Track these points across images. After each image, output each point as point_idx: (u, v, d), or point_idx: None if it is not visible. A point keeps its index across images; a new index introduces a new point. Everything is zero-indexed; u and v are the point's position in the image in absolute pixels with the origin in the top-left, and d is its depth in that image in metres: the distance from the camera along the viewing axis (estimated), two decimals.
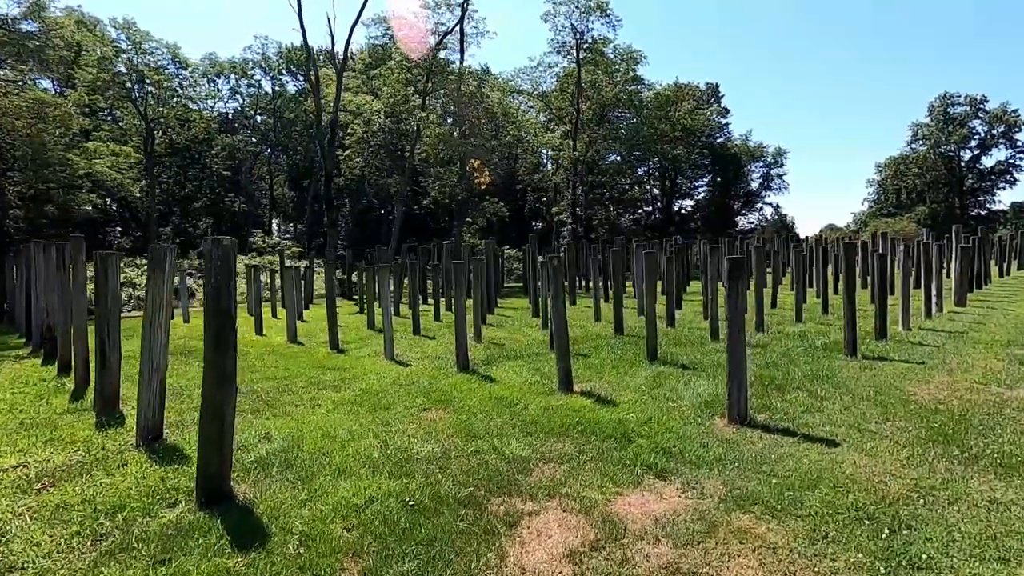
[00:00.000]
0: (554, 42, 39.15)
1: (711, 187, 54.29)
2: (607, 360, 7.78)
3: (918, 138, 57.24)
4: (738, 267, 4.86)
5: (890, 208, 59.48)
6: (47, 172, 18.03)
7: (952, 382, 6.06)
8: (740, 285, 4.87)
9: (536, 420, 5.12)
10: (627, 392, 6.07)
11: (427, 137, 29.59)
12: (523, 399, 5.88)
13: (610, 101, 40.19)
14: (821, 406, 5.31)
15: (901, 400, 5.42)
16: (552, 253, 21.56)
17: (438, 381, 6.89)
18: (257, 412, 5.79)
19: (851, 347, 7.48)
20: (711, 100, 49.24)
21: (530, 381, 6.74)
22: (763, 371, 6.67)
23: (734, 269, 4.86)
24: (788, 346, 8.31)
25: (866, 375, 6.43)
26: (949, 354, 7.50)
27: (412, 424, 5.16)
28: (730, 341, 4.93)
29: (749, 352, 7.77)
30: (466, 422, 5.15)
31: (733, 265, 4.86)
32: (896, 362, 7.07)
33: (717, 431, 4.73)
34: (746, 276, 4.65)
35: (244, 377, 7.53)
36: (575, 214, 40.56)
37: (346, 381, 7.18)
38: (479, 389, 6.37)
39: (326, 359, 8.92)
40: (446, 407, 5.73)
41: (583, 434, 4.69)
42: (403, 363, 8.32)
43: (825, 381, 6.19)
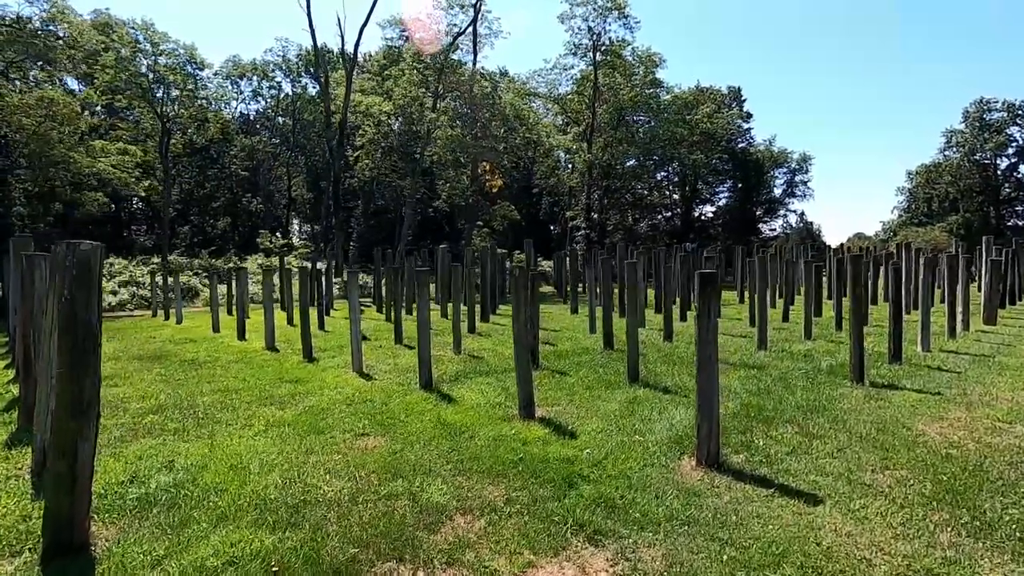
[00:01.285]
0: (570, 44, 38.48)
1: (732, 193, 52.96)
2: (585, 380, 7.10)
3: (952, 145, 55.09)
4: (709, 282, 4.16)
5: (921, 217, 57.40)
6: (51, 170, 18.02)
7: (970, 419, 5.24)
8: (711, 304, 4.17)
9: (477, 455, 4.48)
10: (593, 420, 5.39)
11: (439, 139, 29.21)
12: (474, 426, 5.24)
13: (627, 104, 39.34)
14: (811, 447, 4.57)
15: (907, 442, 4.65)
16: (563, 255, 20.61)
17: (392, 401, 6.30)
18: (180, 433, 5.26)
19: (858, 372, 6.68)
20: (732, 104, 47.99)
21: (492, 403, 6.10)
22: (752, 399, 5.93)
23: (705, 284, 4.16)
24: (789, 368, 7.52)
25: (870, 407, 5.64)
26: (971, 383, 6.65)
27: (337, 454, 4.57)
28: (699, 372, 4.24)
29: (742, 375, 7.03)
30: (398, 454, 4.54)
31: (704, 280, 4.17)
32: (908, 391, 6.25)
33: (680, 476, 4.04)
34: (719, 292, 3.92)
35: (191, 389, 7.05)
36: (589, 218, 39.76)
37: (297, 397, 6.64)
38: (430, 412, 5.76)
39: (291, 370, 8.40)
40: (386, 433, 5.13)
41: (523, 475, 4.04)
42: (368, 376, 7.75)
43: (821, 414, 5.42)
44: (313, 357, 9.31)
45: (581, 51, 38.93)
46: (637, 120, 42.28)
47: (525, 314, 5.52)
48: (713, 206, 55.22)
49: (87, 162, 19.26)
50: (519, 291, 5.52)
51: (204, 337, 12.46)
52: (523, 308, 5.52)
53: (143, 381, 7.71)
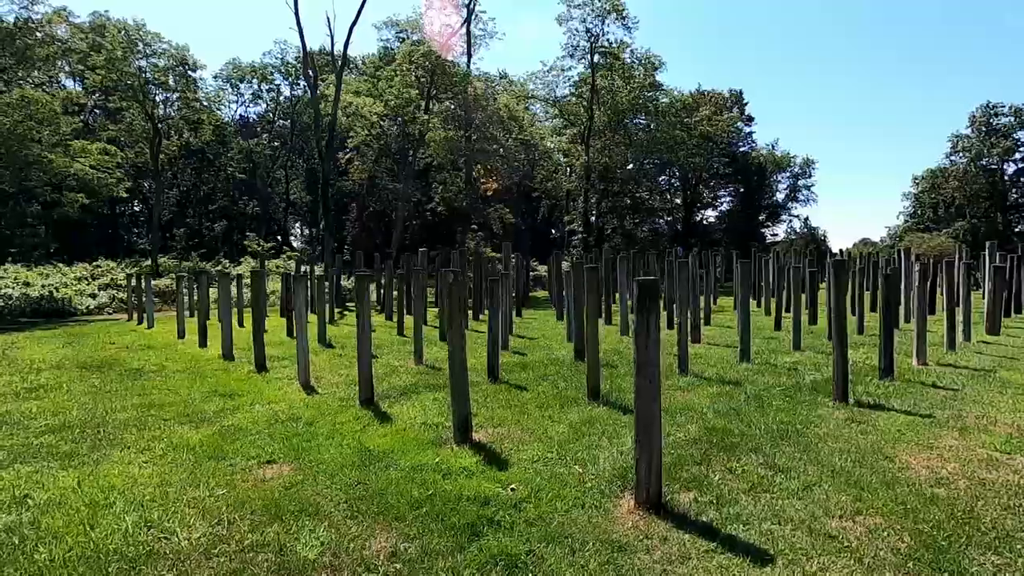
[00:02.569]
0: (568, 46, 37.94)
1: (734, 198, 52.24)
2: (542, 396, 6.47)
3: (958, 150, 54.20)
4: (648, 292, 3.54)
5: (927, 223, 56.51)
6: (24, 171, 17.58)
7: (964, 448, 4.58)
8: (651, 319, 3.54)
9: (383, 490, 3.86)
10: (534, 446, 4.77)
11: (432, 141, 28.70)
12: (397, 453, 4.63)
13: (626, 107, 38.73)
14: (773, 483, 3.92)
15: (886, 478, 4.00)
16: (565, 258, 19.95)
17: (321, 420, 5.69)
18: (67, 458, 4.66)
19: (841, 390, 6.02)
20: (733, 107, 47.31)
21: (430, 424, 5.48)
22: (718, 421, 5.28)
23: (644, 295, 3.54)
24: (768, 384, 6.87)
25: (851, 432, 4.99)
26: (968, 402, 5.98)
27: (224, 488, 3.96)
28: (637, 398, 3.61)
29: (714, 392, 6.39)
30: (294, 488, 3.93)
31: (643, 290, 3.54)
32: (896, 412, 5.59)
33: (611, 521, 3.41)
34: (659, 305, 3.31)
35: (113, 404, 6.47)
36: (587, 223, 39.13)
37: (223, 413, 6.04)
38: (355, 435, 5.14)
39: (234, 382, 7.80)
40: (295, 460, 4.53)
41: (425, 518, 3.42)
42: (312, 390, 7.15)
43: (793, 441, 4.77)
44: (265, 367, 8.71)
45: (579, 53, 38.39)
46: (636, 123, 41.66)
47: (460, 326, 4.91)
48: (715, 211, 54.55)
49: (62, 162, 18.79)
50: (453, 301, 4.91)
51: (165, 344, 11.90)
52: (457, 320, 4.90)
53: (68, 393, 7.14)
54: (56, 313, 19.84)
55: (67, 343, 12.07)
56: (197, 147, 44.47)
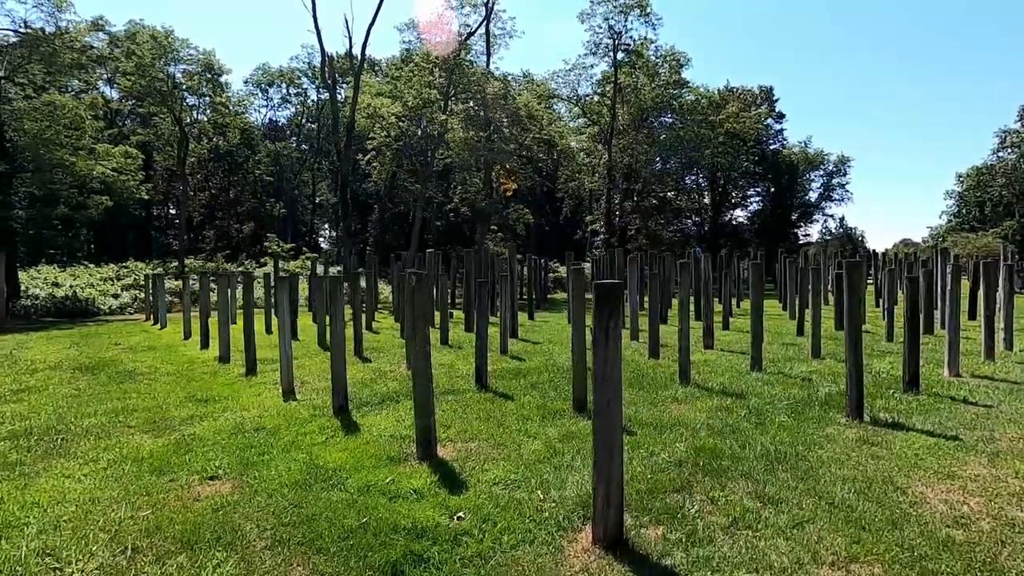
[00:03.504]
0: (590, 43, 37.31)
1: (765, 197, 50.63)
2: (525, 407, 6.04)
3: (1006, 145, 51.51)
4: (608, 300, 3.08)
5: (972, 222, 53.90)
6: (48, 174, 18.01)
7: (993, 479, 3.98)
8: (611, 329, 3.08)
9: (317, 515, 3.50)
10: (502, 465, 4.35)
11: (452, 142, 28.52)
12: (351, 469, 4.27)
13: (649, 105, 37.89)
14: (759, 518, 3.41)
15: (895, 515, 3.44)
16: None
17: (287, 429, 5.39)
18: (11, 467, 4.45)
19: (855, 406, 5.42)
20: (763, 104, 45.82)
21: (398, 436, 5.11)
22: (710, 440, 4.76)
23: (602, 302, 3.08)
24: (775, 396, 6.28)
25: (860, 456, 4.41)
26: (1002, 422, 5.31)
27: (152, 508, 3.66)
28: (596, 418, 3.15)
29: (713, 406, 5.86)
30: (224, 511, 3.60)
31: (601, 296, 3.09)
32: (916, 433, 4.97)
33: (562, 561, 2.97)
34: (621, 310, 2.84)
35: (86, 409, 6.31)
36: (609, 223, 38.38)
37: (191, 421, 5.80)
38: (314, 448, 4.81)
39: (218, 386, 7.60)
40: (241, 476, 4.21)
41: (346, 552, 3.04)
42: (292, 395, 6.87)
43: (791, 465, 4.23)
44: (255, 371, 8.50)
45: (602, 51, 37.73)
46: (662, 121, 40.72)
47: (424, 334, 4.52)
48: (744, 211, 53.00)
49: (84, 166, 19.19)
50: (416, 306, 4.53)
51: (168, 345, 11.88)
52: (421, 327, 4.51)
53: (50, 397, 7.03)
54: (80, 313, 20.28)
55: (75, 343, 12.16)
56: (225, 150, 45.39)
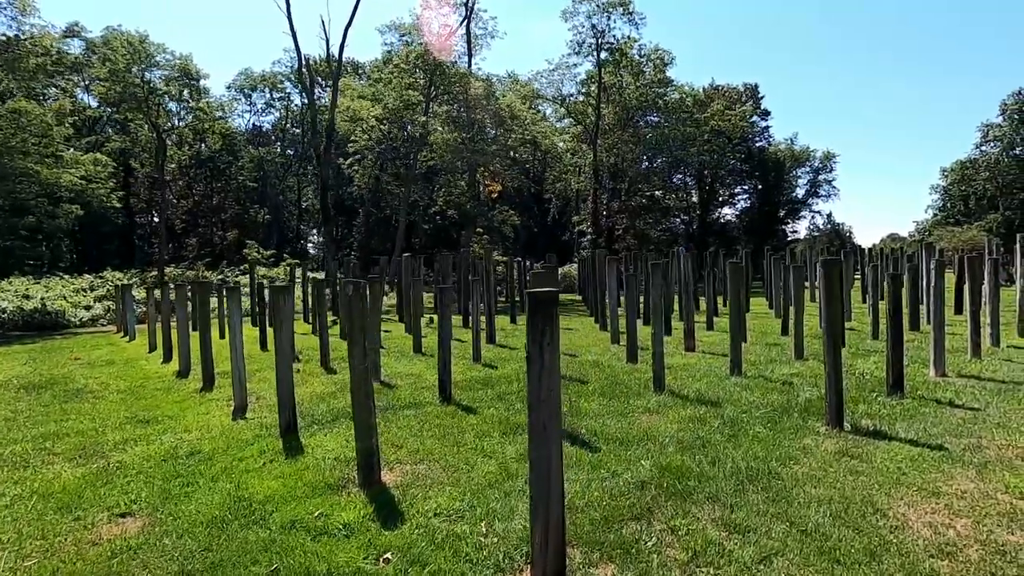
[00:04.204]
0: (573, 43, 37.04)
1: (752, 194, 50.60)
2: (488, 422, 5.65)
3: (989, 139, 51.86)
4: (543, 310, 2.70)
5: (957, 216, 54.22)
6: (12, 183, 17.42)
7: (981, 495, 3.63)
8: (547, 344, 2.70)
9: (225, 560, 3.09)
10: (449, 491, 3.95)
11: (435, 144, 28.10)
12: (280, 500, 3.86)
13: (634, 104, 37.67)
14: (722, 550, 3.04)
15: (872, 542, 3.08)
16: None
17: (223, 454, 4.97)
18: None
19: (835, 414, 5.07)
20: (748, 101, 45.76)
21: (343, 458, 4.70)
22: (677, 457, 4.39)
23: (537, 313, 2.70)
24: (752, 403, 5.93)
25: (838, 471, 4.06)
26: (990, 427, 4.98)
27: (40, 555, 3.23)
28: (532, 447, 2.77)
29: (685, 416, 5.49)
30: (122, 556, 3.19)
31: (535, 306, 2.71)
32: (899, 442, 4.63)
33: None
34: (557, 322, 2.44)
35: (16, 433, 5.85)
36: (596, 223, 38.09)
37: (125, 444, 5.36)
38: (247, 475, 4.40)
39: (168, 404, 7.15)
40: (156, 512, 3.79)
41: None
42: (241, 414, 6.44)
43: (763, 484, 3.87)
44: (212, 386, 8.05)
45: (585, 49, 37.46)
46: (647, 120, 40.50)
47: (363, 347, 4.12)
48: (733, 208, 52.93)
49: (50, 174, 18.60)
50: (355, 316, 4.12)
51: (129, 359, 11.39)
52: (359, 339, 4.11)
53: None
54: (50, 326, 19.63)
55: (32, 359, 11.64)
56: (207, 156, 44.70)
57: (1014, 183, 49.57)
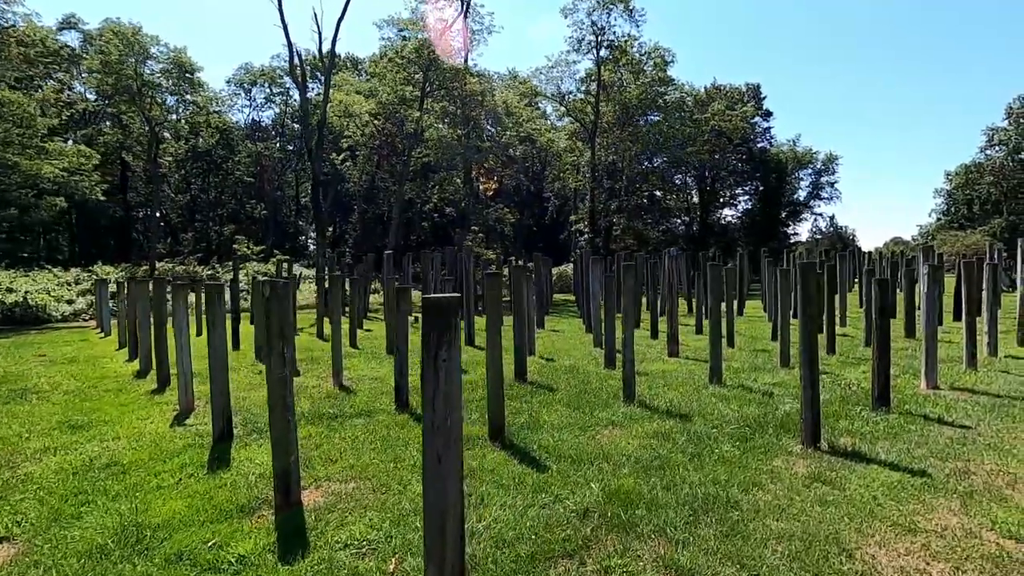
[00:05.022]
0: (572, 40, 36.51)
1: (753, 196, 50.06)
2: None
3: (994, 143, 51.22)
4: (439, 320, 2.28)
5: (961, 220, 53.66)
6: None
7: (964, 532, 3.21)
8: (446, 356, 2.28)
9: None
10: (370, 516, 3.54)
11: (430, 140, 27.70)
12: (179, 525, 3.46)
13: (634, 102, 37.16)
14: None
15: None
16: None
17: (144, 466, 4.57)
18: None
19: (810, 432, 4.65)
20: (750, 101, 45.20)
21: (269, 475, 4.29)
22: (630, 480, 3.96)
23: (433, 320, 2.29)
24: (726, 417, 5.50)
25: (807, 501, 3.63)
26: (981, 449, 4.55)
27: None
28: (426, 483, 2.35)
29: (651, 431, 5.07)
30: None
31: (430, 315, 2.29)
32: (878, 466, 4.20)
33: None
34: (456, 333, 2.01)
35: None
36: (593, 223, 37.62)
37: (45, 453, 4.97)
38: (150, 496, 3.99)
39: (111, 407, 6.76)
40: (37, 537, 3.39)
41: None
42: (185, 418, 6.05)
43: (720, 515, 3.44)
44: (167, 387, 7.66)
45: (585, 47, 36.94)
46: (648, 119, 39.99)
47: (281, 352, 3.71)
48: (734, 210, 52.37)
49: (31, 165, 18.23)
50: (273, 319, 3.71)
51: (95, 356, 11.02)
52: (277, 344, 3.70)
53: None
54: (31, 320, 19.30)
55: None
56: (204, 150, 44.33)
57: (1019, 188, 48.95)
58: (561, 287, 28.57)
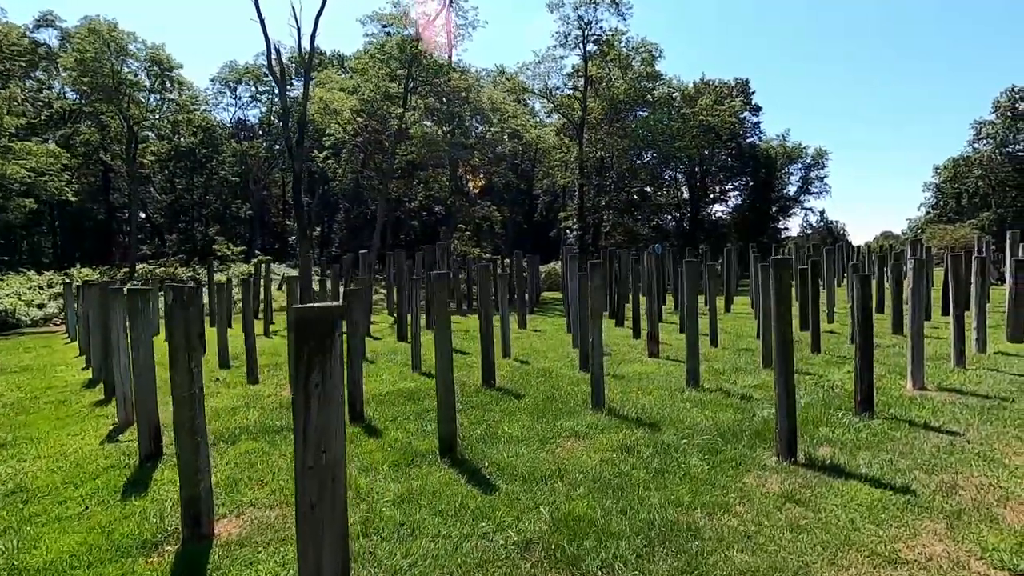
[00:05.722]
0: (559, 35, 36.08)
1: (743, 191, 49.87)
2: (387, 447, 4.83)
3: (982, 137, 51.31)
4: (312, 335, 1.88)
5: (950, 214, 53.73)
6: None
7: (950, 562, 2.84)
8: (319, 384, 1.88)
9: None
10: (282, 551, 3.13)
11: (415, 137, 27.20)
12: (64, 566, 3.04)
13: (622, 98, 36.77)
14: None
15: None
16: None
17: (54, 491, 4.13)
18: None
19: (786, 443, 4.27)
20: (738, 96, 44.93)
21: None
22: (583, 503, 3.56)
23: (304, 339, 1.88)
24: (697, 426, 5.12)
25: (776, 526, 3.25)
26: (970, 459, 4.19)
27: None
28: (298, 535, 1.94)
29: (616, 441, 4.68)
30: None
31: (301, 329, 1.88)
32: (858, 481, 3.83)
33: None
34: (332, 355, 1.57)
35: None
36: (582, 219, 37.23)
37: None
38: (43, 530, 3.56)
39: (46, 420, 6.31)
40: None
41: None
42: (120, 433, 5.61)
43: (678, 547, 3.05)
44: (112, 399, 7.19)
45: (571, 41, 36.51)
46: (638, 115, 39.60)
47: (185, 368, 3.28)
48: (724, 205, 52.15)
49: None
50: (174, 330, 3.29)
51: (50, 364, 10.54)
52: (183, 357, 3.28)
53: None
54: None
55: None
56: (187, 150, 43.57)
57: (1007, 181, 49.05)
58: (551, 285, 28.18)
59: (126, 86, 30.43)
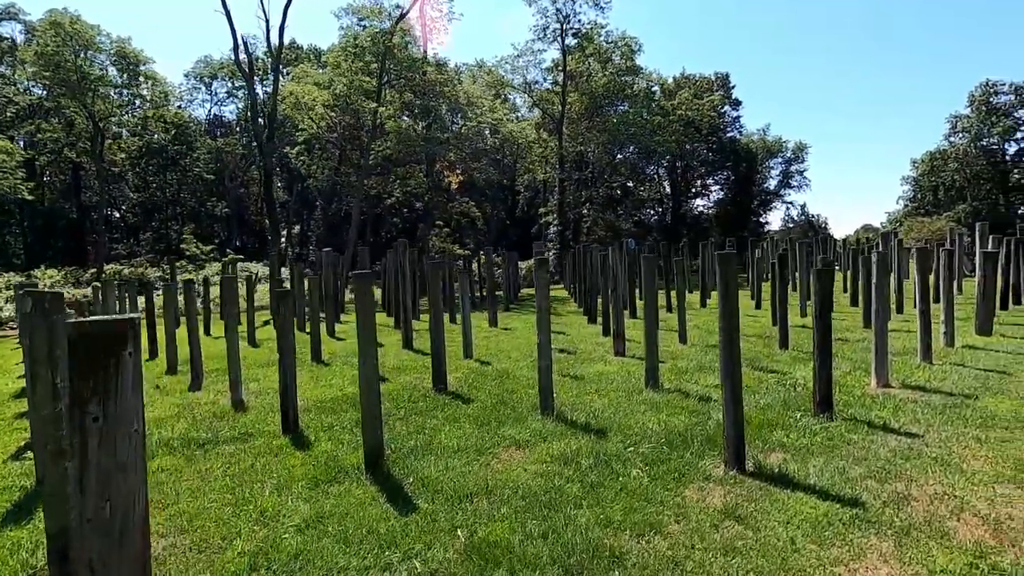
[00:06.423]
0: (537, 28, 35.67)
1: (724, 186, 49.97)
2: (311, 461, 4.47)
3: (957, 130, 51.84)
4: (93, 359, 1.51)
5: (927, 207, 54.35)
6: None
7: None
8: (94, 418, 1.53)
9: None
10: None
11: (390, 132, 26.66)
12: None
13: (601, 92, 36.48)
14: None
15: None
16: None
17: None
18: None
19: (733, 452, 3.98)
20: (718, 90, 44.90)
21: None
22: (500, 527, 3.24)
23: (84, 365, 1.52)
24: (646, 431, 4.83)
25: (710, 549, 2.96)
26: (926, 464, 3.94)
27: None
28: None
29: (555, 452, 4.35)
30: None
31: (76, 349, 1.53)
32: (805, 493, 3.55)
33: None
34: (122, 379, 1.21)
35: None
36: (563, 215, 36.95)
37: None
38: None
39: None
40: None
41: None
42: (21, 454, 5.18)
43: (596, 573, 2.74)
44: None
45: (550, 35, 36.12)
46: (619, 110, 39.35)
47: (53, 383, 2.91)
48: (706, 200, 52.22)
49: None
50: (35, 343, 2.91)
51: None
52: (44, 371, 2.90)
53: None
54: None
55: None
56: (158, 147, 42.49)
57: (981, 174, 49.66)
58: (531, 282, 27.92)
59: (90, 81, 29.47)
